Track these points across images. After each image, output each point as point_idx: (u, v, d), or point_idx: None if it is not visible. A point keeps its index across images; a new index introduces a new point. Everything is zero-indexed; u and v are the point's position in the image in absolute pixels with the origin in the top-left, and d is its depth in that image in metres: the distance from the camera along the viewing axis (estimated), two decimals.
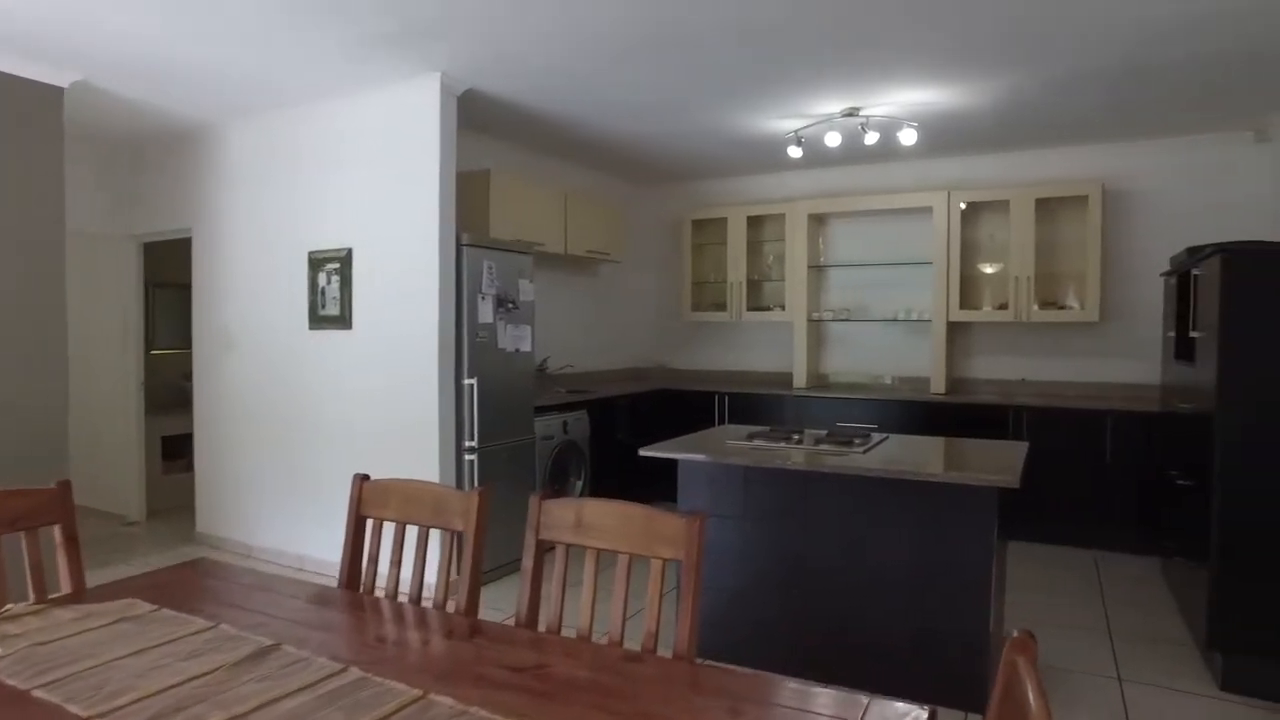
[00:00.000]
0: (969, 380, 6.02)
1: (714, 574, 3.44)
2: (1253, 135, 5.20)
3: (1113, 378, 5.58)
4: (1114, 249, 5.56)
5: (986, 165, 5.93)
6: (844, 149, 5.63)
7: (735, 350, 6.99)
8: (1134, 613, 4.01)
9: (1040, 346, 5.81)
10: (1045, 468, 5.12)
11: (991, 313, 5.70)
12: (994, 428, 5.29)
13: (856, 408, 5.79)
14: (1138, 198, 5.52)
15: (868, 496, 3.12)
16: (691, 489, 3.49)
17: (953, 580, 2.97)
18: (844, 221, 6.45)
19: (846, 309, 6.32)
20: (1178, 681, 3.26)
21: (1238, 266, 3.10)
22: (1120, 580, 4.53)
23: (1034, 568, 4.75)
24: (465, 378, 4.45)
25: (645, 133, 5.42)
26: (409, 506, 1.99)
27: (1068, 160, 5.69)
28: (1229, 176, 5.27)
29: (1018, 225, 5.55)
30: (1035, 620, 3.89)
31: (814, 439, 3.54)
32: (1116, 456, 5.01)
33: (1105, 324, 5.57)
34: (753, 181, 6.81)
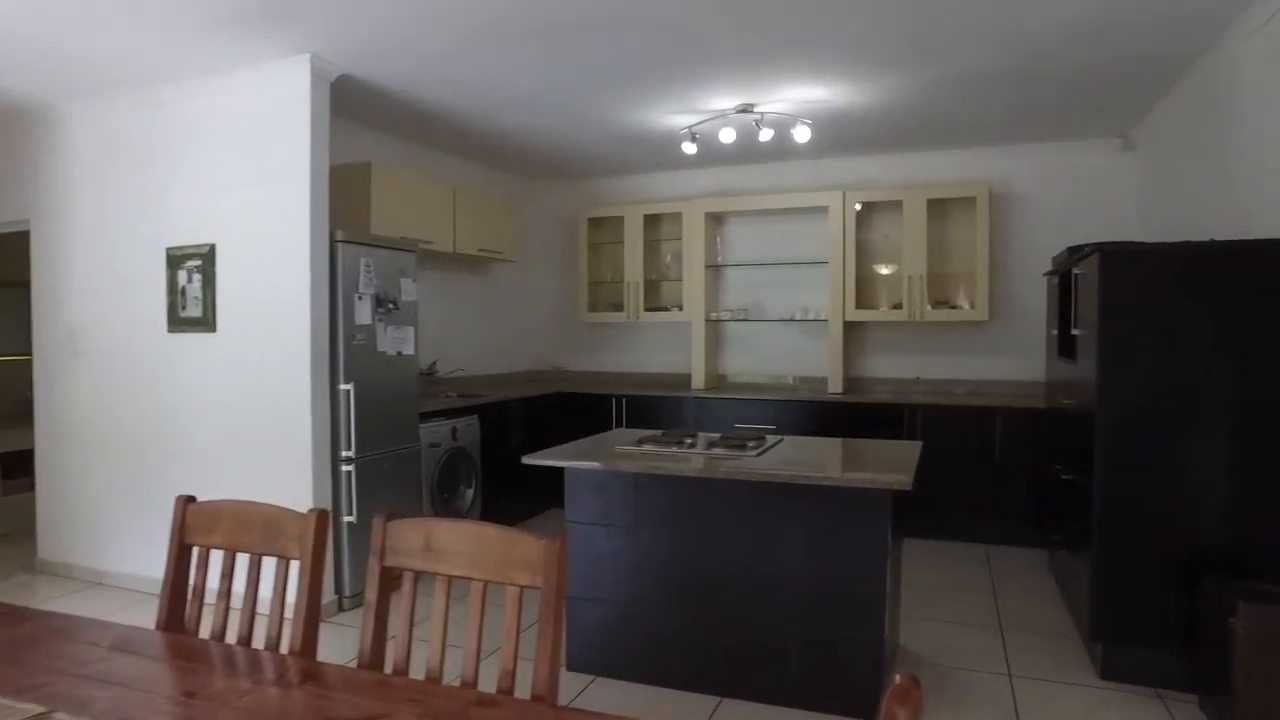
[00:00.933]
0: (866, 379, 6.06)
1: (605, 586, 3.27)
2: (1120, 143, 5.41)
3: (1002, 375, 5.71)
4: (1001, 250, 5.69)
5: (880, 166, 5.99)
6: (740, 147, 5.57)
7: (633, 352, 6.86)
8: (1023, 606, 4.06)
9: (934, 345, 5.90)
10: (939, 465, 5.17)
11: (886, 312, 5.75)
12: (889, 427, 5.32)
13: (755, 409, 5.74)
14: (1021, 200, 5.67)
15: (761, 501, 3.02)
16: (579, 498, 3.32)
17: (847, 586, 2.90)
18: (741, 221, 6.41)
19: (744, 309, 6.28)
20: (1062, 673, 3.29)
21: (1115, 265, 3.15)
22: (1010, 574, 4.60)
23: (929, 565, 4.78)
24: (341, 383, 4.14)
25: (535, 126, 5.21)
26: (241, 531, 1.74)
27: (957, 162, 5.79)
28: (1101, 181, 5.47)
29: (910, 225, 5.61)
30: (930, 618, 3.89)
31: (707, 442, 3.42)
32: (1005, 452, 5.12)
33: (994, 323, 5.70)
34: (650, 180, 6.70)
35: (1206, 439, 3.04)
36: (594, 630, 3.30)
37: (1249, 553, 3.01)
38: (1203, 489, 3.05)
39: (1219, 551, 3.04)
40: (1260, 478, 3.00)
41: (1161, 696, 3.10)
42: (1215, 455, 3.03)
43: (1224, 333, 3.01)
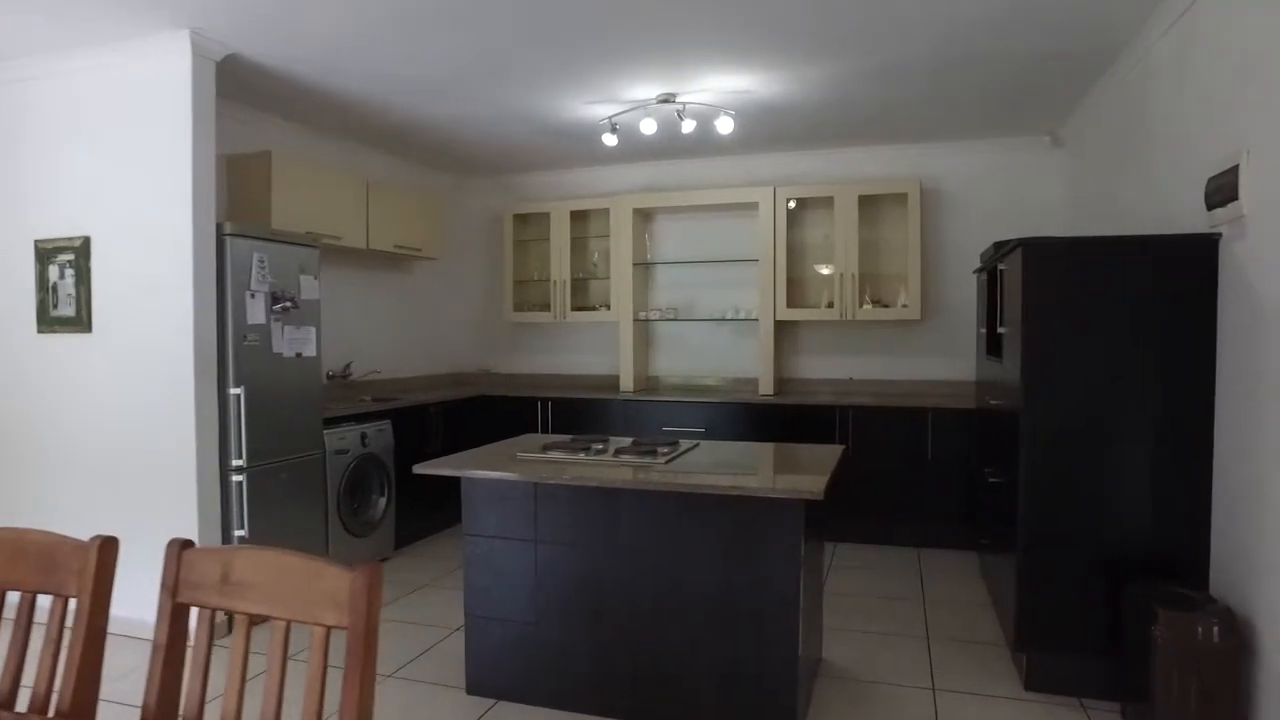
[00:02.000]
0: (798, 380, 5.92)
1: (505, 604, 3.04)
2: (1049, 140, 5.36)
3: (935, 375, 5.61)
4: (933, 247, 5.60)
5: (812, 162, 5.85)
6: (666, 140, 5.38)
7: (560, 353, 6.62)
8: (951, 614, 3.93)
9: (867, 345, 5.78)
10: (870, 468, 5.06)
11: (818, 311, 5.62)
12: (821, 429, 5.18)
13: (685, 412, 5.55)
14: (953, 198, 5.59)
15: (670, 512, 2.81)
16: (477, 509, 3.07)
17: (759, 602, 2.70)
18: (671, 217, 6.22)
19: (674, 308, 6.09)
20: (988, 685, 3.15)
21: (1037, 259, 3.02)
22: (941, 579, 4.48)
23: (859, 571, 4.64)
24: (230, 387, 3.83)
25: (449, 116, 4.94)
26: (13, 564, 1.46)
27: (889, 159, 5.69)
28: (1031, 178, 5.42)
29: (842, 222, 5.49)
30: (857, 628, 3.73)
31: (616, 449, 3.20)
32: (938, 454, 5.01)
33: (927, 322, 5.60)
34: (577, 175, 6.47)
35: (1130, 439, 2.93)
36: (494, 651, 3.06)
37: (1173, 556, 2.91)
38: (1127, 491, 2.94)
39: (1143, 555, 2.93)
40: (1183, 478, 2.89)
41: (1085, 706, 2.98)
42: (1139, 456, 2.92)
43: (1148, 329, 2.90)
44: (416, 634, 3.73)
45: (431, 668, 3.37)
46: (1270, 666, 2.48)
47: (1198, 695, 2.54)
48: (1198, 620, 2.54)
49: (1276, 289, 2.47)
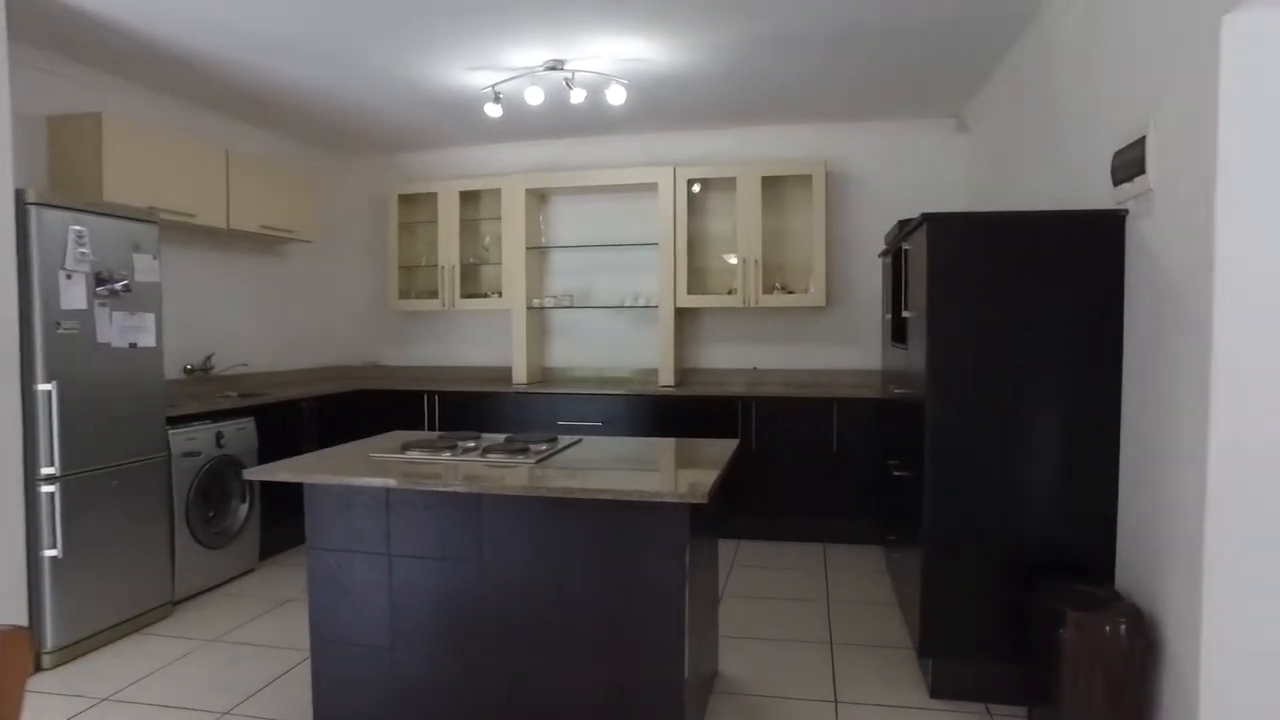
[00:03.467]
0: (701, 370, 5.66)
1: (356, 626, 2.65)
2: (954, 122, 5.25)
3: (841, 364, 5.44)
4: (839, 232, 5.42)
5: (714, 142, 5.59)
6: (559, 115, 5.02)
7: (450, 343, 6.19)
8: (857, 616, 3.73)
9: (772, 333, 5.56)
10: (774, 461, 4.84)
11: (721, 298, 5.36)
12: (723, 421, 4.93)
13: (581, 405, 5.22)
14: (859, 180, 5.42)
15: (540, 520, 2.48)
16: (323, 519, 2.67)
17: (641, 619, 2.40)
18: (567, 199, 5.87)
19: (570, 295, 5.74)
20: (892, 694, 2.94)
21: (942, 236, 2.80)
22: (848, 578, 4.28)
23: (762, 572, 4.40)
24: (39, 382, 3.29)
25: (311, 81, 4.46)
26: None
27: (793, 140, 5.47)
28: (938, 162, 5.29)
29: (745, 205, 5.24)
30: (757, 636, 3.48)
31: (486, 447, 2.84)
32: (844, 446, 4.82)
33: (832, 309, 5.42)
34: (466, 153, 6.04)
35: (1038, 429, 2.75)
36: (344, 679, 2.67)
37: (1082, 552, 2.74)
38: (1035, 484, 2.76)
39: (1052, 552, 2.76)
40: (1091, 469, 2.73)
41: (991, 712, 2.80)
42: (1047, 446, 2.74)
43: (1055, 311, 2.72)
44: (267, 660, 3.29)
45: (277, 701, 2.94)
46: (1175, 664, 2.32)
47: (1104, 696, 2.38)
48: (1105, 620, 2.36)
49: (1183, 267, 2.30)
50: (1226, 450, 2.16)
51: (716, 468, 2.51)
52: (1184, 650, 2.29)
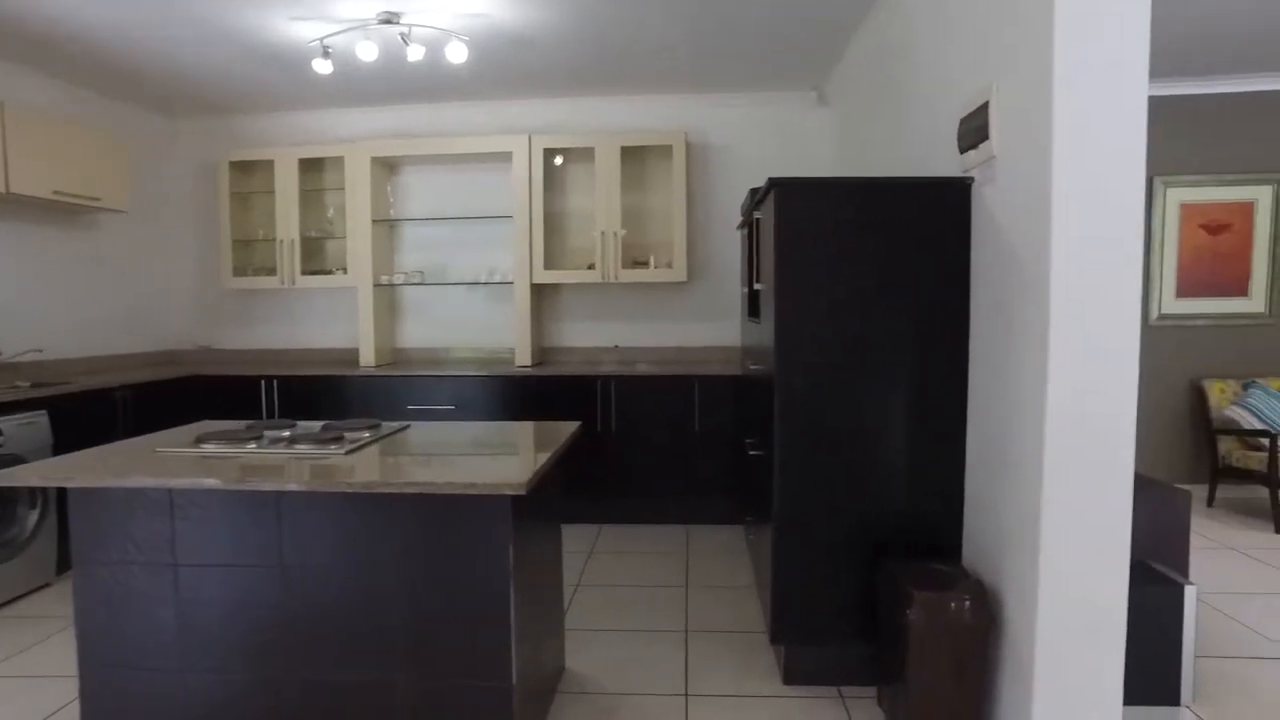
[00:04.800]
0: (561, 349, 5.43)
1: (139, 648, 2.29)
2: (815, 95, 5.20)
3: (704, 341, 5.33)
4: (700, 205, 5.29)
5: (571, 110, 5.33)
6: (404, 78, 4.65)
7: (291, 324, 5.70)
8: (716, 601, 3.61)
9: (633, 310, 5.39)
10: (635, 442, 4.68)
11: (580, 273, 5.13)
12: (582, 402, 4.73)
13: (432, 388, 4.89)
14: (721, 152, 5.29)
15: (349, 519, 2.19)
16: (94, 525, 2.29)
17: (464, 620, 2.16)
18: (417, 169, 5.48)
19: (421, 271, 5.38)
20: (745, 683, 2.82)
21: (791, 202, 2.67)
22: (708, 561, 4.17)
23: (621, 558, 4.23)
24: None
25: (113, 27, 3.92)
26: None
27: (653, 109, 5.29)
28: (800, 134, 5.23)
29: (604, 176, 5.02)
30: (609, 627, 3.30)
31: (297, 436, 2.52)
32: (705, 424, 4.71)
33: (694, 284, 5.30)
34: (306, 118, 5.55)
35: (888, 403, 2.67)
36: (123, 711, 2.31)
37: (931, 528, 2.69)
38: (885, 460, 2.68)
39: (903, 530, 2.69)
40: (939, 444, 2.67)
41: (843, 696, 2.72)
42: (896, 421, 2.67)
43: (903, 281, 2.64)
44: (47, 691, 2.85)
45: None
46: (1013, 637, 2.29)
47: (949, 672, 2.33)
48: (949, 599, 2.30)
49: (1023, 236, 2.24)
50: (1062, 422, 2.12)
51: (546, 452, 2.29)
52: (1021, 623, 2.25)
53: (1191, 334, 5.26)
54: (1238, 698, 2.68)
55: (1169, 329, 5.25)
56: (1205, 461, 5.18)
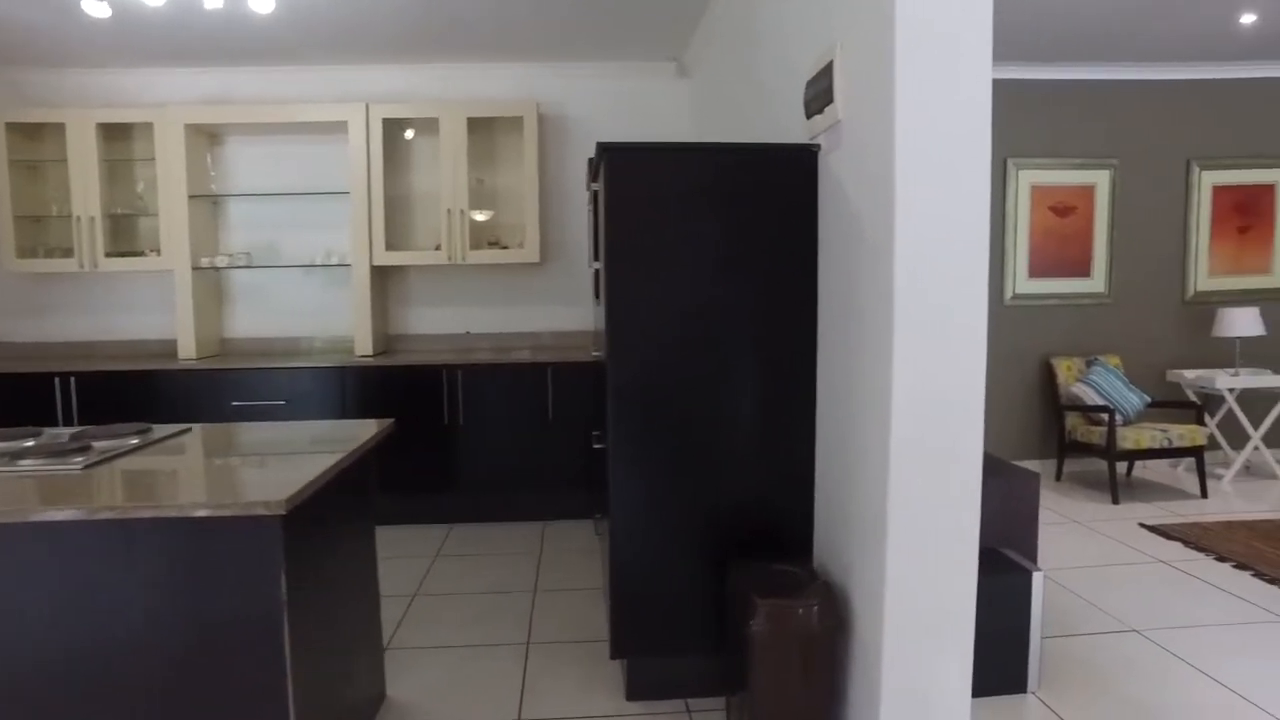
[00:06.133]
0: (409, 337, 5.02)
1: None
2: (675, 66, 4.98)
3: (559, 325, 5.04)
4: (555, 182, 4.99)
5: (413, 77, 4.91)
6: (225, 37, 4.11)
7: (96, 313, 5.04)
8: (564, 606, 3.35)
9: (485, 293, 5.03)
10: (485, 434, 4.37)
11: (425, 254, 4.74)
12: (428, 393, 4.37)
13: (261, 381, 4.40)
14: (577, 125, 5.00)
15: (86, 548, 1.78)
16: None
17: (228, 660, 1.80)
18: (243, 139, 4.93)
19: (248, 253, 4.84)
20: (585, 702, 2.57)
21: (621, 170, 2.41)
22: (561, 560, 3.90)
23: (467, 561, 3.91)
24: None
25: None
26: None
27: (503, 77, 4.93)
28: (660, 107, 5.00)
29: (450, 149, 4.64)
30: (443, 643, 2.98)
31: (30, 449, 2.07)
32: (560, 414, 4.43)
33: (548, 265, 5.00)
34: (110, 76, 4.89)
35: (733, 392, 2.46)
36: None
37: (782, 527, 2.51)
38: (732, 453, 2.48)
39: (752, 529, 2.50)
40: (789, 434, 2.49)
41: (691, 710, 2.51)
42: (743, 410, 2.47)
43: (750, 257, 2.43)
44: None
45: None
46: (862, 638, 2.14)
47: (797, 678, 2.15)
48: (796, 605, 2.12)
49: (869, 206, 2.06)
50: (909, 407, 1.96)
51: (332, 457, 1.96)
52: (869, 622, 2.10)
53: (1042, 313, 5.38)
54: (1080, 679, 2.64)
55: (1022, 308, 5.35)
56: (1055, 437, 5.32)
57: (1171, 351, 5.51)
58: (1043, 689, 2.58)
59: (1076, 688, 2.59)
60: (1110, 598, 3.31)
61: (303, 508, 1.77)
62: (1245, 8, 4.30)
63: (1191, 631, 3.00)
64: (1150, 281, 5.46)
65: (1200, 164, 5.43)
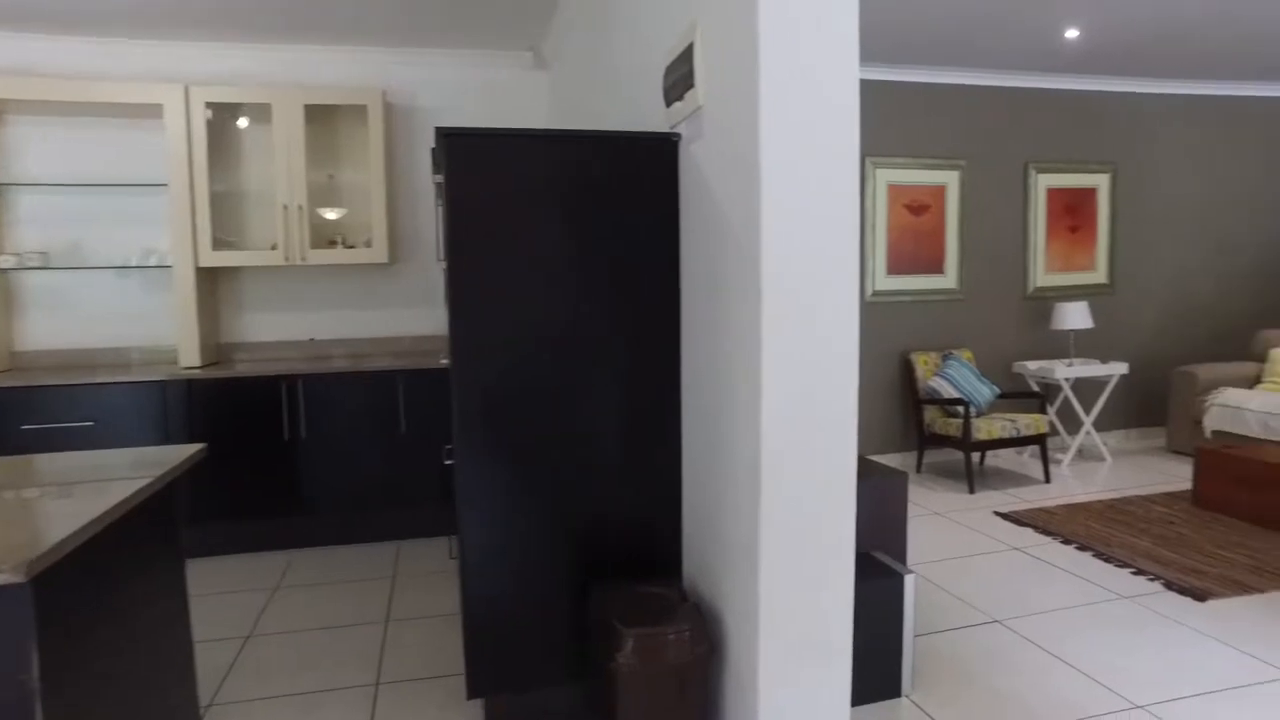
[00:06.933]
0: (243, 345, 4.55)
1: None
2: (532, 56, 4.75)
3: (412, 330, 4.71)
4: (406, 176, 4.65)
5: (243, 58, 4.45)
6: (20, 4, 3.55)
7: None
8: (418, 637, 3.06)
9: (331, 297, 4.63)
10: (333, 449, 4.00)
11: (260, 255, 4.29)
12: (265, 409, 3.95)
13: (63, 401, 3.85)
14: (428, 116, 4.67)
15: None
16: None
17: None
18: (35, 119, 4.30)
19: (44, 252, 4.23)
20: None
21: (463, 157, 2.18)
22: (417, 584, 3.61)
23: (314, 592, 3.54)
24: None
25: None
26: None
27: (346, 62, 4.55)
28: (518, 99, 4.76)
29: (284, 139, 4.22)
30: (278, 695, 2.64)
31: None
32: (413, 426, 4.12)
33: (400, 266, 4.66)
34: None
35: (593, 401, 2.28)
36: None
37: (649, 545, 2.34)
38: (593, 466, 2.29)
39: (618, 548, 2.32)
40: (654, 444, 2.33)
41: None
42: (603, 422, 2.29)
43: (608, 254, 2.26)
44: None
45: None
46: (736, 663, 2.01)
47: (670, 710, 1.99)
48: (666, 632, 1.96)
49: (735, 199, 1.92)
50: (779, 413, 1.83)
51: (110, 499, 1.62)
52: (743, 645, 1.97)
53: (901, 310, 5.50)
54: (950, 676, 2.62)
55: (882, 305, 5.46)
56: (915, 430, 5.46)
57: (1016, 344, 5.78)
58: (916, 691, 2.55)
59: (947, 686, 2.57)
60: (972, 589, 3.36)
61: (67, 564, 1.44)
62: (1068, 23, 4.52)
63: (1046, 617, 3.07)
64: (996, 278, 5.71)
65: (1036, 167, 5.71)
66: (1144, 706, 2.43)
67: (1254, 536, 3.95)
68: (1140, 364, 6.03)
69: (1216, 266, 6.19)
